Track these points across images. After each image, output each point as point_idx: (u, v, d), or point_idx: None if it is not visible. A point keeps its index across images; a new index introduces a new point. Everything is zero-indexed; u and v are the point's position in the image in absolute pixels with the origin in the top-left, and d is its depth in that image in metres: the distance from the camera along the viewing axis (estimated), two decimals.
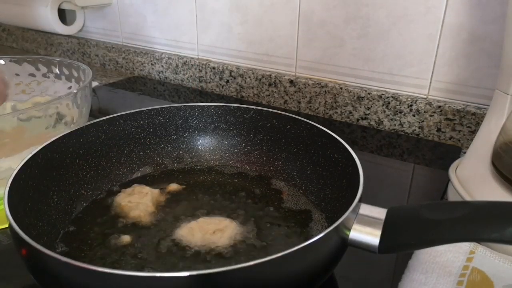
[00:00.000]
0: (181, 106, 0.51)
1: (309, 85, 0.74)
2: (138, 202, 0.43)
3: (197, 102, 0.65)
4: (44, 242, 0.36)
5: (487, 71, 0.60)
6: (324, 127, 0.45)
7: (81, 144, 0.45)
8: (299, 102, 0.77)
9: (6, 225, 0.43)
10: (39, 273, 0.29)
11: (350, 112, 0.72)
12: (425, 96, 0.66)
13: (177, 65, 0.91)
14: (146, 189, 0.45)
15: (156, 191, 0.45)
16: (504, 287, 0.34)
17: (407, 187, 0.54)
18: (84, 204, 0.44)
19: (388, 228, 0.31)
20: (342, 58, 0.71)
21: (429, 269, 0.36)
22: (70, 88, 0.63)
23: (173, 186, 0.47)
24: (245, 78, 0.81)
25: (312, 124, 0.46)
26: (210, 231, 0.38)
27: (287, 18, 0.74)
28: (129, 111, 0.49)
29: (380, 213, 0.32)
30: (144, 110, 0.50)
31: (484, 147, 0.46)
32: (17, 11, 1.04)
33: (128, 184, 0.47)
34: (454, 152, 0.62)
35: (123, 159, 0.49)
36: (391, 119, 0.68)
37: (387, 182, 0.55)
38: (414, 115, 0.66)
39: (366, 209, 0.33)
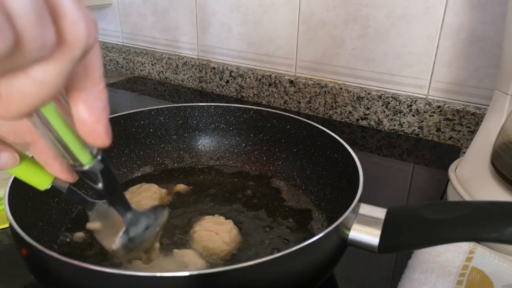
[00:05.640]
0: (181, 106, 0.51)
1: (309, 85, 0.74)
2: (138, 201, 0.43)
3: (197, 102, 0.65)
4: (44, 242, 0.36)
5: (486, 71, 0.60)
6: (324, 127, 0.45)
7: None
8: (299, 102, 0.77)
9: (7, 225, 0.43)
10: (39, 273, 0.29)
11: (350, 112, 0.72)
12: (424, 96, 0.66)
13: (177, 65, 0.91)
14: (155, 187, 0.45)
15: (164, 191, 0.45)
16: (504, 286, 0.34)
17: (407, 187, 0.54)
18: None
19: (388, 228, 0.31)
20: (342, 58, 0.71)
21: (429, 268, 0.36)
22: None
23: (180, 187, 0.47)
24: (245, 78, 0.82)
25: (312, 124, 0.46)
26: (213, 232, 0.38)
27: (287, 18, 0.74)
28: (129, 111, 0.49)
29: (379, 213, 0.32)
30: (144, 110, 0.50)
31: (484, 147, 0.46)
32: None
33: (128, 184, 0.47)
34: (454, 152, 0.62)
35: (123, 159, 0.49)
36: (391, 119, 0.68)
37: (387, 182, 0.55)
38: (413, 115, 0.66)
39: (366, 209, 0.33)
